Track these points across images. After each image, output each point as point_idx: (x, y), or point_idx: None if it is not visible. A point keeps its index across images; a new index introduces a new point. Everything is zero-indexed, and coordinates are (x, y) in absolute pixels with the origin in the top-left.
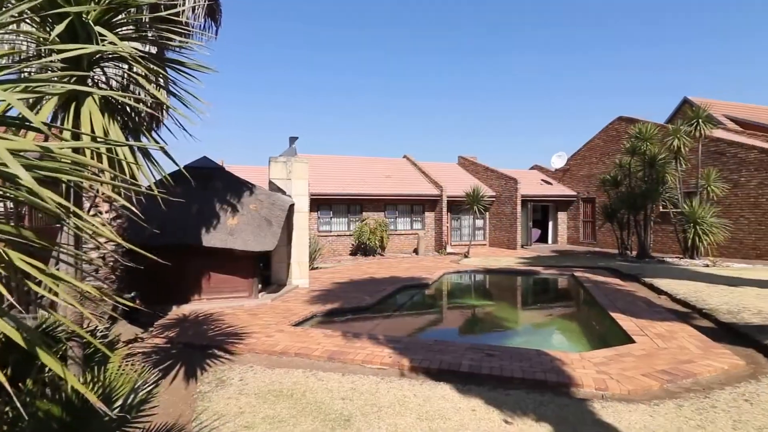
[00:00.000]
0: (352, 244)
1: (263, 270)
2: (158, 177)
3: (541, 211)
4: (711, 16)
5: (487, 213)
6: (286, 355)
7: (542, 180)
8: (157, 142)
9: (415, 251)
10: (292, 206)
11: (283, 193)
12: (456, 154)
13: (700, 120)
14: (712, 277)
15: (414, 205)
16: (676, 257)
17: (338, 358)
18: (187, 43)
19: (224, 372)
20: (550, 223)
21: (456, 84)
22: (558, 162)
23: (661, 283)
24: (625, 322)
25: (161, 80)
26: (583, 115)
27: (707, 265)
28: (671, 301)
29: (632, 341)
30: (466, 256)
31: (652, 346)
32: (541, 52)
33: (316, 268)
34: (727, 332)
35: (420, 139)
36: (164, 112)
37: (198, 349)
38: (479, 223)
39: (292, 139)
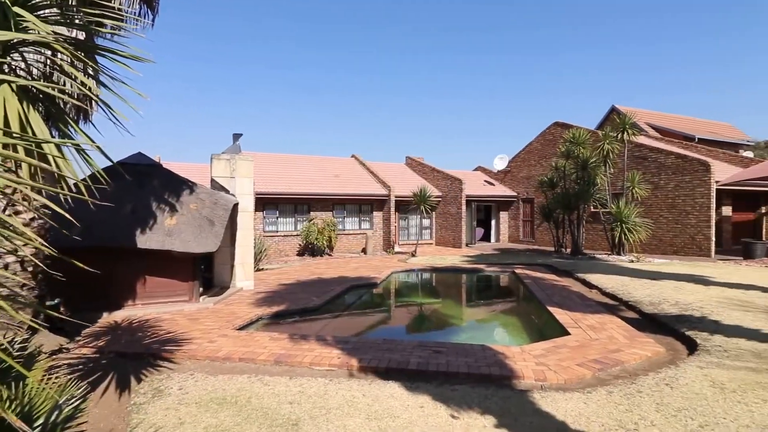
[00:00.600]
0: (300, 245)
1: (205, 272)
2: (88, 173)
3: (484, 211)
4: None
5: (434, 213)
6: (229, 360)
7: (485, 181)
8: (92, 140)
9: (364, 251)
10: (236, 205)
11: (227, 192)
12: (403, 154)
13: (626, 127)
14: (636, 272)
15: (362, 205)
16: (605, 254)
17: (285, 362)
18: (119, 29)
19: (162, 381)
20: (493, 222)
21: (415, 83)
22: (500, 164)
23: (593, 278)
24: (561, 315)
25: (90, 69)
26: (524, 117)
27: (632, 261)
28: (601, 294)
29: (567, 333)
30: (413, 255)
31: (585, 338)
32: (486, 54)
33: (262, 269)
34: (650, 322)
35: (367, 139)
36: (92, 103)
37: (132, 358)
38: (426, 222)
39: (236, 136)
